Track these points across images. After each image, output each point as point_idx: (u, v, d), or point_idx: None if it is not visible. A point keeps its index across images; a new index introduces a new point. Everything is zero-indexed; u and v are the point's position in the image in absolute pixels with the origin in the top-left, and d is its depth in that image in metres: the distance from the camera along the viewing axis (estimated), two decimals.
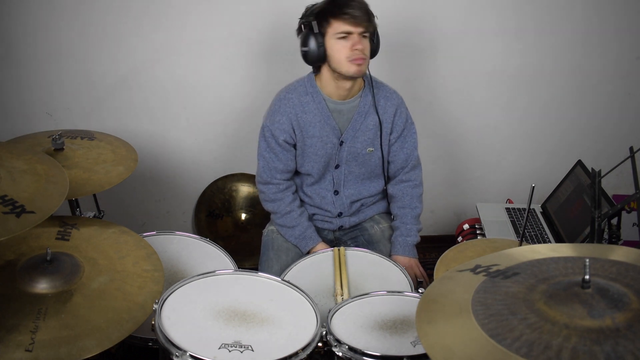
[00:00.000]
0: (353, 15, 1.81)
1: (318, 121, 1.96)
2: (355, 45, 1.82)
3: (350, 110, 1.99)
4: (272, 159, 2.01)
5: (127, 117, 2.57)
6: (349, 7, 1.81)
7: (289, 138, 1.98)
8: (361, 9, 1.82)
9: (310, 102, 1.96)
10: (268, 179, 2.04)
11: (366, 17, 1.83)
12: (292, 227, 2.06)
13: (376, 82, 2.03)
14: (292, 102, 1.97)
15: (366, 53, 1.86)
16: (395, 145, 2.06)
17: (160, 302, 1.45)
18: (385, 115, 2.01)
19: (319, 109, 1.96)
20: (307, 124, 1.97)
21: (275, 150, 2.00)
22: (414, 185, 2.11)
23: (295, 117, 1.96)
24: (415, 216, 2.11)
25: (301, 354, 1.35)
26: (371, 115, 2.00)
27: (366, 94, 2.00)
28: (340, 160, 2.03)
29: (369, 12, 1.85)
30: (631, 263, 1.07)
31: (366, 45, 1.87)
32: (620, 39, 2.65)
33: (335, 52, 1.85)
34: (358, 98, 1.99)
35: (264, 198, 2.09)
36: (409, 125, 2.07)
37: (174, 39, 2.46)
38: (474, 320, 0.99)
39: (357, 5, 1.82)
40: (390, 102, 2.02)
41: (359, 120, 1.99)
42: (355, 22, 1.81)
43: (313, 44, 1.86)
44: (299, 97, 1.97)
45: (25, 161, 1.57)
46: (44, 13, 2.35)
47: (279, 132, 1.97)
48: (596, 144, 2.85)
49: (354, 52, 1.83)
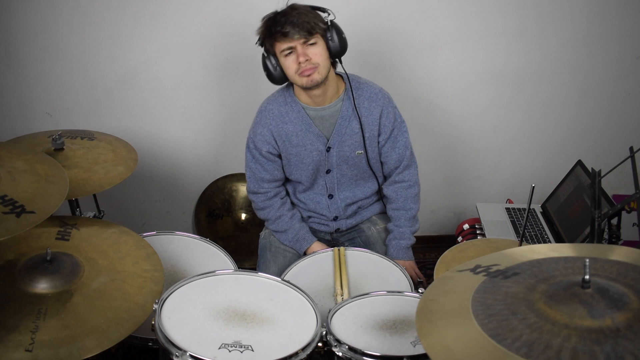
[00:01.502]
0: (284, 33, 1.77)
1: (300, 130, 1.95)
2: (299, 57, 1.79)
3: (333, 115, 1.96)
4: (258, 169, 2.02)
5: (127, 117, 2.57)
6: (281, 25, 1.77)
7: (271, 149, 1.99)
8: (294, 24, 1.77)
9: (290, 112, 1.95)
10: (255, 189, 2.05)
11: (301, 29, 1.77)
12: (284, 231, 2.07)
13: (359, 83, 1.97)
14: (272, 114, 1.97)
15: (316, 60, 1.81)
16: (386, 147, 2.02)
17: (160, 302, 1.45)
18: (371, 118, 1.96)
19: (299, 118, 1.95)
20: (289, 134, 1.96)
21: (260, 161, 2.01)
22: (408, 186, 2.08)
23: (276, 129, 1.96)
24: (409, 218, 2.08)
25: (301, 354, 1.35)
26: (355, 118, 1.96)
27: (348, 96, 1.95)
28: (331, 165, 2.02)
29: (307, 22, 1.78)
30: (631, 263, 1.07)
31: (315, 51, 1.81)
32: (620, 39, 2.65)
33: (286, 68, 1.85)
34: (340, 102, 1.95)
35: (255, 207, 2.12)
36: (399, 125, 2.01)
37: (174, 39, 2.46)
38: (474, 320, 0.99)
39: (289, 20, 1.77)
40: (375, 104, 1.96)
41: (344, 124, 1.96)
42: (291, 39, 1.78)
43: (270, 67, 1.87)
44: (278, 107, 1.97)
45: (25, 161, 1.57)
46: (44, 13, 2.36)
47: (261, 143, 1.98)
48: (596, 144, 2.85)
49: (299, 66, 1.81)
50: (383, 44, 2.52)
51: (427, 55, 2.62)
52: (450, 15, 2.55)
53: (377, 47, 2.55)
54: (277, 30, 1.78)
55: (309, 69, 1.81)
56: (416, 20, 2.53)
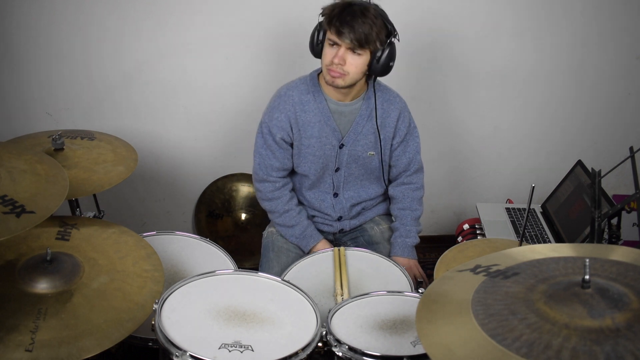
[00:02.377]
0: (342, 35, 1.75)
1: (318, 121, 1.94)
2: (336, 57, 1.78)
3: (352, 113, 1.96)
4: (268, 156, 1.99)
5: (127, 116, 2.57)
6: (344, 25, 1.74)
7: (286, 136, 1.96)
8: (353, 29, 1.73)
9: (310, 102, 1.93)
10: (264, 176, 2.01)
11: (357, 41, 1.74)
12: (291, 227, 2.05)
13: (380, 86, 1.99)
14: (292, 100, 1.93)
15: (349, 69, 1.79)
16: (397, 150, 2.04)
17: (160, 302, 1.45)
18: (388, 120, 1.98)
19: (319, 109, 1.93)
20: (306, 123, 1.94)
21: (272, 148, 1.98)
22: (415, 188, 2.11)
23: (294, 116, 1.93)
24: (415, 218, 2.11)
25: (301, 354, 1.35)
26: (373, 119, 1.96)
27: (369, 96, 1.96)
28: (341, 163, 2.01)
29: (367, 35, 1.74)
30: (631, 263, 1.07)
31: (355, 62, 1.79)
32: (619, 39, 2.65)
33: (323, 55, 1.84)
34: (361, 100, 1.96)
35: (261, 197, 2.07)
36: (412, 130, 2.05)
37: (174, 39, 2.46)
38: (474, 320, 0.99)
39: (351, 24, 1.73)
40: (394, 107, 1.99)
41: (361, 123, 1.96)
42: (341, 40, 1.76)
43: (315, 39, 1.86)
44: (299, 95, 1.94)
45: (25, 161, 1.57)
46: (44, 13, 2.35)
47: (276, 129, 1.94)
48: (596, 144, 2.85)
49: (332, 63, 1.80)
50: None
51: (427, 55, 2.62)
52: (450, 16, 2.55)
53: None
54: (335, 24, 1.75)
55: (337, 73, 1.80)
56: (416, 21, 2.53)
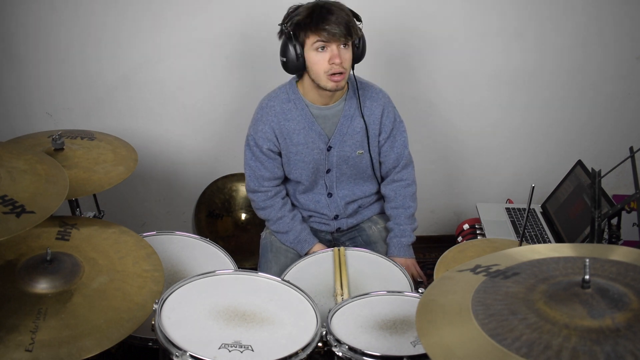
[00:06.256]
0: (331, 32, 1.73)
1: (302, 128, 1.94)
2: (333, 59, 1.76)
3: (336, 115, 1.95)
4: (258, 167, 2.00)
5: (127, 117, 2.57)
6: (327, 22, 1.73)
7: (272, 146, 1.96)
8: (339, 23, 1.72)
9: (292, 110, 1.93)
10: (256, 187, 2.03)
11: (345, 31, 1.73)
12: (285, 233, 2.06)
13: (361, 83, 1.97)
14: (274, 111, 1.94)
15: (346, 66, 1.79)
16: (385, 146, 2.03)
17: (160, 302, 1.45)
18: (372, 117, 1.97)
19: (302, 115, 1.93)
20: (290, 131, 1.94)
21: (261, 159, 1.99)
22: (406, 185, 2.09)
23: (278, 126, 1.93)
24: (408, 216, 2.09)
25: (301, 354, 1.35)
26: (357, 118, 1.95)
27: (351, 96, 1.95)
28: (331, 164, 2.01)
29: (349, 24, 1.75)
30: (631, 263, 1.07)
31: (347, 56, 1.79)
32: (620, 39, 2.65)
33: (313, 64, 1.79)
34: (343, 101, 1.95)
35: (255, 206, 2.09)
36: (398, 124, 2.03)
37: (173, 39, 2.46)
38: (474, 320, 0.99)
39: (334, 20, 1.73)
40: (377, 103, 1.97)
41: (346, 124, 1.96)
42: (332, 37, 1.74)
43: (292, 54, 1.79)
44: (280, 104, 1.94)
45: (25, 161, 1.57)
46: (44, 13, 2.36)
47: (262, 140, 1.95)
48: (596, 144, 2.85)
49: (332, 67, 1.77)
50: (383, 44, 2.52)
51: (427, 55, 2.62)
52: (450, 16, 2.55)
53: (376, 47, 2.55)
54: (323, 28, 1.72)
55: (339, 74, 1.79)
56: (416, 21, 2.53)
